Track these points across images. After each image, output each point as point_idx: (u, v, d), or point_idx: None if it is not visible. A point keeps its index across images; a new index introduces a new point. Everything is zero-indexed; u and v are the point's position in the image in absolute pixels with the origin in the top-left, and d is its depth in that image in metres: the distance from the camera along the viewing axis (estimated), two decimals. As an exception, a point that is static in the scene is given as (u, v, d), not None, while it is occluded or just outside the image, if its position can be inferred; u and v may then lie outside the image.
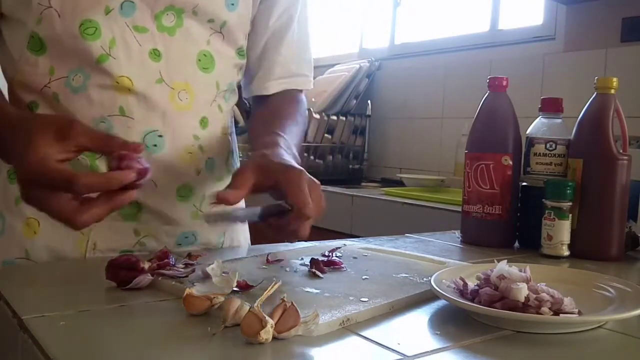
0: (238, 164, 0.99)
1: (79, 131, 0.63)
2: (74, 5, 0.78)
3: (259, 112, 0.96)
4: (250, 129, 0.96)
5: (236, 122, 3.81)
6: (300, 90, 1.01)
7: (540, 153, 0.99)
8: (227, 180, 0.95)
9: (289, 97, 0.98)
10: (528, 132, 1.02)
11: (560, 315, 0.56)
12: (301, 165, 0.73)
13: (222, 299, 0.56)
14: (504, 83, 1.02)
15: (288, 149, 0.80)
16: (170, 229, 0.87)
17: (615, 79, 0.94)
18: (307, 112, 1.01)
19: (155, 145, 0.84)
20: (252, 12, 0.93)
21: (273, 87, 0.97)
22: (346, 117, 2.66)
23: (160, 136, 0.84)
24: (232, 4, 0.87)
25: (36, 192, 0.62)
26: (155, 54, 0.82)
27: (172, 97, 0.84)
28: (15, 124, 0.68)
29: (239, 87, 1.00)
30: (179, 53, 0.85)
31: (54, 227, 0.80)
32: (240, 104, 1.05)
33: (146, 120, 0.82)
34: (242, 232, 1.01)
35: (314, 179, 0.71)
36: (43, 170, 0.60)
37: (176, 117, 0.85)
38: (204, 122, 0.89)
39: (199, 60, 0.87)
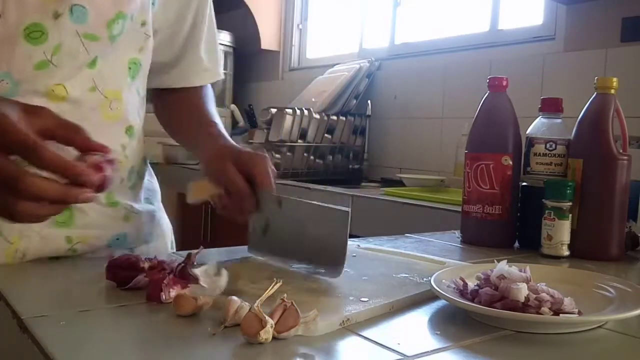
0: (149, 169, 1.00)
1: (49, 113, 0.60)
2: (19, 7, 0.71)
3: (181, 104, 0.99)
4: (176, 120, 1.00)
5: (236, 122, 3.79)
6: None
7: (540, 153, 0.99)
8: (139, 187, 0.95)
9: (200, 88, 1.01)
10: (528, 132, 1.02)
11: (560, 315, 0.56)
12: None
13: (209, 300, 0.56)
14: (504, 83, 1.02)
15: (230, 140, 0.88)
16: (102, 232, 0.85)
17: (615, 79, 0.94)
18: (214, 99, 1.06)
19: None
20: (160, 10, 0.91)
21: (194, 80, 1.00)
22: (346, 117, 2.66)
23: None
24: (153, 3, 0.86)
25: None
26: (93, 62, 0.78)
27: (104, 106, 0.81)
28: None
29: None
30: (114, 61, 0.81)
31: None
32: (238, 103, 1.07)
33: None
34: (169, 235, 1.02)
35: (264, 154, 0.81)
36: (4, 128, 0.55)
37: (107, 126, 0.82)
38: (129, 131, 0.86)
39: (129, 68, 0.84)
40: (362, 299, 0.61)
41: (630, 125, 0.97)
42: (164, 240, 1.00)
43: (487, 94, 1.03)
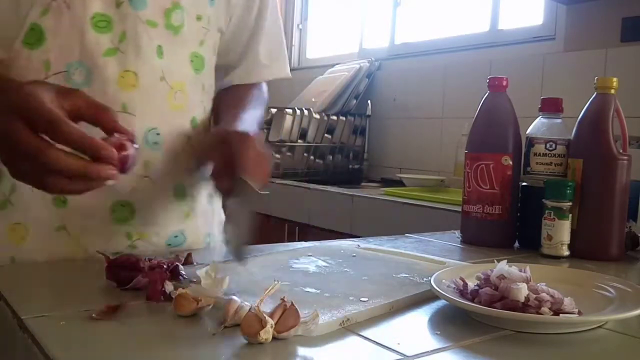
0: None
1: (82, 94, 0.61)
2: None
3: (223, 100, 0.98)
4: (215, 114, 0.98)
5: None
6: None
7: (540, 153, 0.99)
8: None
9: (250, 85, 1.01)
10: (528, 132, 1.02)
11: (560, 315, 0.56)
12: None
13: (210, 301, 0.56)
14: (504, 83, 1.02)
15: (244, 124, 0.85)
16: (161, 229, 0.87)
17: (615, 79, 0.94)
18: (266, 98, 1.04)
19: (155, 143, 0.84)
20: (228, 8, 0.93)
21: (252, 78, 1.01)
22: (346, 117, 2.66)
23: (159, 134, 0.84)
24: (212, 0, 0.89)
25: (14, 133, 0.56)
26: (160, 52, 0.82)
27: (170, 96, 0.84)
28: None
29: None
30: (178, 53, 0.85)
31: (45, 233, 0.79)
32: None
33: (147, 117, 0.82)
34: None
35: (263, 148, 0.77)
36: (31, 105, 0.56)
37: (172, 116, 0.85)
38: (194, 122, 0.89)
39: (192, 61, 0.87)
40: (362, 299, 0.61)
41: (630, 125, 0.97)
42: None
43: (487, 94, 1.03)
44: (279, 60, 1.03)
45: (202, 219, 0.93)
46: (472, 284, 0.63)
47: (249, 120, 0.88)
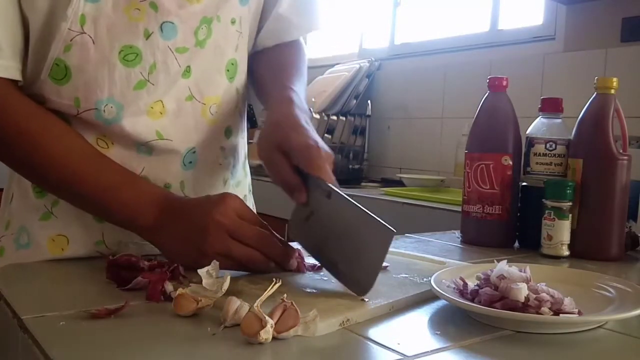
0: (248, 167, 1.00)
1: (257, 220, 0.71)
2: (110, 30, 0.72)
3: (264, 62, 0.92)
4: (259, 82, 0.92)
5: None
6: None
7: (540, 153, 0.99)
8: (245, 183, 0.98)
9: (290, 44, 0.95)
10: (528, 132, 1.02)
11: (560, 315, 0.56)
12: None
13: (210, 301, 0.56)
14: (504, 83, 1.02)
15: (301, 107, 0.79)
16: None
17: (615, 79, 0.94)
18: (306, 56, 0.98)
19: (190, 162, 0.83)
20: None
21: (282, 36, 0.94)
22: (346, 117, 2.66)
23: (194, 152, 0.83)
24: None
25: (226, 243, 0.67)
26: (187, 71, 0.79)
27: (203, 112, 0.82)
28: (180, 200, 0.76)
29: None
30: (208, 66, 0.81)
31: (84, 246, 0.80)
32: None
33: (184, 139, 0.81)
34: None
35: (328, 150, 0.71)
36: (238, 221, 0.68)
37: (208, 131, 0.83)
38: (228, 132, 0.88)
39: (227, 70, 0.84)
40: (362, 299, 0.61)
41: (630, 125, 0.97)
42: None
43: (487, 94, 1.03)
44: (306, 13, 0.95)
45: None
46: (472, 284, 0.63)
47: (300, 95, 0.82)
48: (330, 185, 0.68)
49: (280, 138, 0.71)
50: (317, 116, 2.57)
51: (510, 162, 1.00)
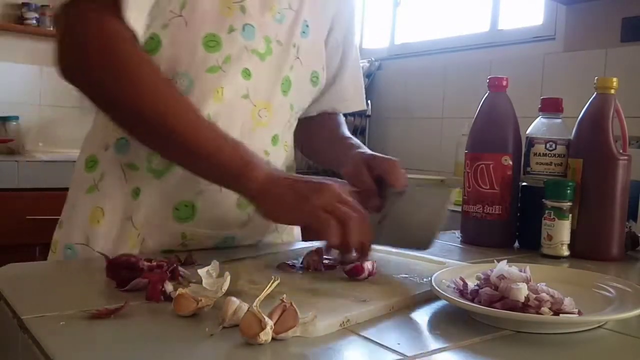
0: None
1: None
2: (202, 18, 0.82)
3: (321, 127, 1.08)
4: (318, 140, 1.08)
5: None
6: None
7: (540, 153, 0.99)
8: None
9: (334, 114, 1.10)
10: (528, 132, 1.02)
11: (560, 315, 0.56)
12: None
13: (210, 301, 0.56)
14: (504, 83, 1.02)
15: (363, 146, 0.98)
16: (216, 233, 0.89)
17: (615, 79, 0.94)
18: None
19: None
20: (324, 40, 1.01)
21: (339, 108, 1.11)
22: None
23: None
24: (304, 32, 0.94)
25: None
26: (246, 73, 0.86)
27: (253, 113, 0.88)
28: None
29: None
30: (266, 77, 0.89)
31: (115, 221, 0.86)
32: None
33: (227, 129, 0.82)
34: (280, 235, 1.01)
35: (394, 159, 0.88)
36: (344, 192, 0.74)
37: (252, 132, 0.88)
38: (275, 139, 0.92)
39: (282, 84, 0.92)
40: (362, 300, 0.61)
41: (630, 125, 0.97)
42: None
43: (487, 94, 1.03)
44: (358, 95, 1.13)
45: (258, 228, 0.93)
46: (472, 284, 0.63)
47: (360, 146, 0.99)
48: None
49: (367, 156, 0.90)
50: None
51: (510, 162, 1.00)
